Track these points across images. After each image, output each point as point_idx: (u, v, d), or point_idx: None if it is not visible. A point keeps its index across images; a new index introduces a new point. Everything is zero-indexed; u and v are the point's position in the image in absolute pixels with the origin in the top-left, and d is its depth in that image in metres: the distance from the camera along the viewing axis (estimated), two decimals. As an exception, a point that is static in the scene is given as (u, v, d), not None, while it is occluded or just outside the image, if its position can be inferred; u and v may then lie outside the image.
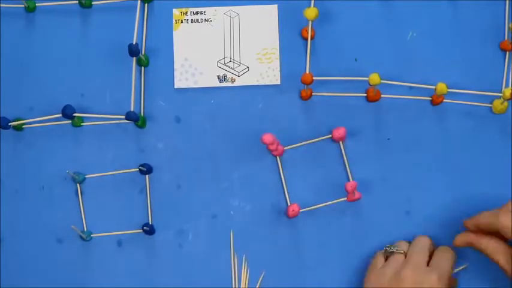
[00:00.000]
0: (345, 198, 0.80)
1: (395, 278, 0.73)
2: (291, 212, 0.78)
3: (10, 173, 0.83)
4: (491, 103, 0.82)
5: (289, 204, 0.81)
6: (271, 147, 0.78)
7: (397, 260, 0.75)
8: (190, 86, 0.84)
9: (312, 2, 0.77)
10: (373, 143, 0.82)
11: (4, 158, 0.83)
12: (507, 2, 0.83)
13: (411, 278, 0.72)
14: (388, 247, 0.77)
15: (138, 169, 0.82)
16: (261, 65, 0.84)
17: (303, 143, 0.82)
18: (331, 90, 0.83)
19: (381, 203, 0.82)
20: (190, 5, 0.85)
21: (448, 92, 0.79)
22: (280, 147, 0.81)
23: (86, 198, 0.83)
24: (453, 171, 0.82)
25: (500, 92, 0.80)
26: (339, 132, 0.80)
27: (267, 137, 0.77)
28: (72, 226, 0.79)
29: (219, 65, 0.84)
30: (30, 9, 0.84)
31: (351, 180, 0.81)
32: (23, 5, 0.84)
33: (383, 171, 0.82)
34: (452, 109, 0.83)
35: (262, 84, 0.84)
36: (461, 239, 0.76)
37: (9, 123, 0.81)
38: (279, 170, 0.82)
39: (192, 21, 0.84)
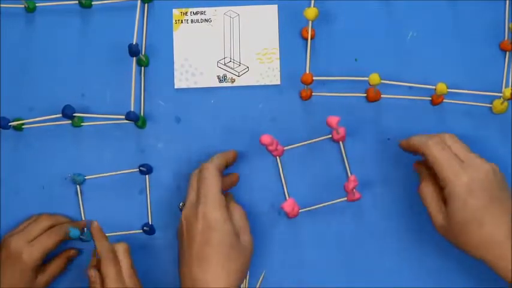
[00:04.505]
0: (345, 198, 0.80)
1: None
2: (290, 212, 0.78)
3: (10, 173, 0.83)
4: (491, 103, 0.82)
5: (287, 198, 0.81)
6: (270, 147, 0.78)
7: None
8: (190, 86, 0.84)
9: (312, 2, 0.77)
10: (373, 143, 0.82)
11: (4, 158, 0.83)
12: (507, 2, 0.83)
13: (185, 217, 0.74)
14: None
15: (138, 169, 0.82)
16: (261, 65, 0.84)
17: (303, 143, 0.82)
18: (331, 90, 0.83)
19: (380, 203, 0.82)
20: (190, 5, 0.85)
21: (448, 92, 0.79)
22: (280, 148, 0.81)
23: (86, 199, 0.83)
24: (453, 171, 0.82)
25: (500, 92, 0.80)
26: (339, 132, 0.80)
27: (265, 138, 0.77)
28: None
29: (219, 65, 0.84)
30: (30, 9, 0.84)
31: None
32: (23, 5, 0.84)
33: (383, 171, 0.82)
34: (452, 109, 0.83)
35: (262, 84, 0.84)
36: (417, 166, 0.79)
37: (9, 123, 0.81)
38: (279, 170, 0.82)
39: (192, 21, 0.84)
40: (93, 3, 0.84)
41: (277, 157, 0.82)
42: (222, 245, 0.72)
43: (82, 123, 0.83)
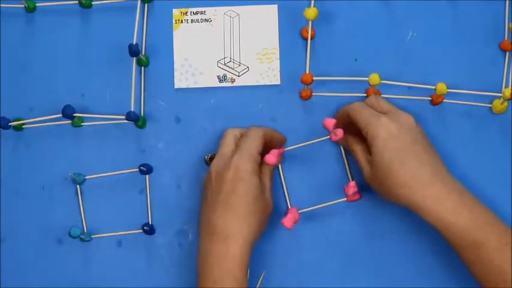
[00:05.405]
0: (345, 199, 0.80)
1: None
2: (290, 227, 0.77)
3: (10, 173, 0.83)
4: (491, 103, 0.82)
5: (289, 207, 0.81)
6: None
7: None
8: (190, 86, 0.84)
9: (312, 2, 0.77)
10: (373, 143, 0.82)
11: (4, 158, 0.83)
12: (507, 2, 0.83)
13: (215, 168, 0.76)
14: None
15: (138, 169, 0.82)
16: (261, 65, 0.84)
17: (303, 143, 0.82)
18: (331, 90, 0.83)
19: (381, 203, 0.82)
20: (190, 5, 0.85)
21: (448, 92, 0.79)
22: (280, 149, 0.81)
23: (86, 199, 0.83)
24: (453, 171, 0.81)
25: (500, 92, 0.80)
26: (337, 134, 0.80)
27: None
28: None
29: (219, 65, 0.84)
30: (30, 9, 0.84)
31: (350, 180, 0.81)
32: (23, 5, 0.84)
33: (383, 171, 0.82)
34: (452, 109, 0.83)
35: (262, 84, 0.84)
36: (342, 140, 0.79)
37: (9, 123, 0.81)
38: (279, 170, 0.82)
39: (192, 21, 0.84)
40: (93, 3, 0.84)
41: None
42: (247, 195, 0.74)
43: (82, 123, 0.83)
